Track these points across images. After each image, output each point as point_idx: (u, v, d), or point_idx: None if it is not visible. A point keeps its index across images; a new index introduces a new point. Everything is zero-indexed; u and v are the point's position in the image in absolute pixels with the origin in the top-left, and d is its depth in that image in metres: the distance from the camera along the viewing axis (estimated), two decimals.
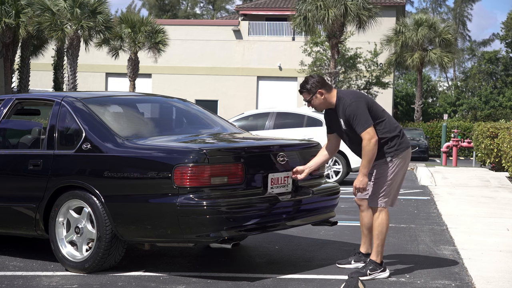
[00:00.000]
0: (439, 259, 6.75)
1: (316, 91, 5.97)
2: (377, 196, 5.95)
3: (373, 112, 5.91)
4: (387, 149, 5.92)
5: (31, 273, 6.05)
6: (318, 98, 5.99)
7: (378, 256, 5.93)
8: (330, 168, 14.46)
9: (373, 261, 5.92)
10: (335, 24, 28.82)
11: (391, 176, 5.95)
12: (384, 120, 5.96)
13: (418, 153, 27.75)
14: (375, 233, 5.95)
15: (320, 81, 6.01)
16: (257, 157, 6.04)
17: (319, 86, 5.98)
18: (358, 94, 6.01)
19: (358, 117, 5.80)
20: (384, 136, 5.91)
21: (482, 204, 11.00)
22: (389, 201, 6.00)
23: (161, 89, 36.86)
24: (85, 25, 27.37)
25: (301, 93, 6.09)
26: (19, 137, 7.17)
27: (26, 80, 29.86)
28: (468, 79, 54.35)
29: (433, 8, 72.98)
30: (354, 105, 5.84)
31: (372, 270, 5.88)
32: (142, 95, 8.03)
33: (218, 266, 6.41)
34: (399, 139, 5.98)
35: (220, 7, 73.75)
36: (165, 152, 5.82)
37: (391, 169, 5.94)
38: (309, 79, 6.04)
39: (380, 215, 5.94)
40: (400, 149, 5.97)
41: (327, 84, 6.04)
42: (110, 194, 5.84)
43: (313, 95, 5.98)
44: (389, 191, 5.96)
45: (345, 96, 5.96)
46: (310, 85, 5.99)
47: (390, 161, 5.93)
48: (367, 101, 5.92)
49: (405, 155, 6.02)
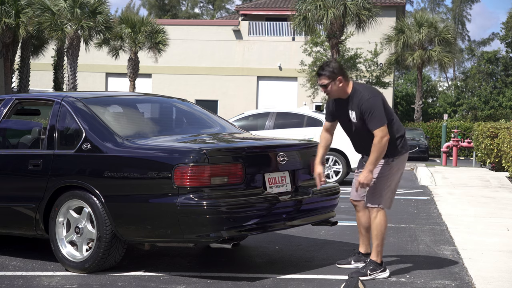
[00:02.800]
0: (439, 259, 6.75)
1: (337, 77, 5.83)
2: (375, 196, 5.93)
3: (386, 110, 5.84)
4: (391, 150, 5.89)
5: (31, 273, 6.05)
6: (336, 85, 5.84)
7: (378, 256, 5.92)
8: (330, 168, 14.46)
9: (374, 261, 5.92)
10: (335, 24, 28.82)
11: (391, 177, 5.95)
12: (394, 120, 5.93)
13: (418, 153, 27.73)
14: (374, 233, 5.93)
15: (341, 68, 5.89)
16: (257, 157, 6.04)
17: (340, 73, 5.85)
18: (375, 90, 5.94)
19: (374, 113, 5.72)
20: (392, 136, 5.87)
21: (482, 204, 11.00)
22: (387, 202, 5.99)
23: (161, 89, 36.85)
24: (85, 25, 27.37)
25: (320, 76, 5.88)
26: (19, 137, 7.17)
27: (26, 80, 29.87)
28: (468, 79, 54.33)
29: (431, 8, 73.00)
30: (372, 101, 5.75)
31: (372, 270, 5.88)
32: (142, 95, 8.03)
33: (218, 266, 6.41)
34: (402, 140, 5.97)
35: (220, 7, 73.75)
36: (165, 152, 5.82)
37: (391, 170, 5.93)
38: (331, 63, 5.88)
39: (378, 215, 5.92)
40: (402, 151, 5.97)
41: (346, 72, 5.95)
42: (110, 194, 5.84)
43: (332, 81, 5.83)
44: (387, 192, 5.96)
45: (361, 89, 5.85)
46: (332, 69, 5.82)
47: (392, 161, 5.92)
48: (382, 99, 5.86)
49: (405, 156, 6.03)
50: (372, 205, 5.94)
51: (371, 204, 5.94)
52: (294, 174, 6.29)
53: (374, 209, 5.93)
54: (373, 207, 5.93)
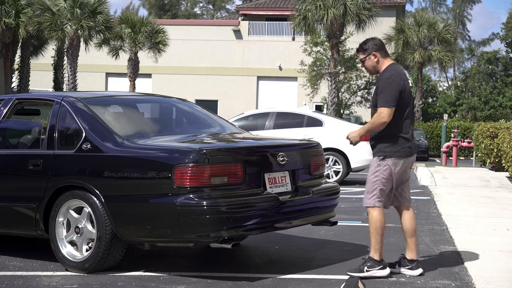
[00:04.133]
0: (439, 259, 6.75)
1: (371, 52, 6.03)
2: (368, 195, 5.96)
3: (401, 102, 5.85)
4: (387, 147, 5.87)
5: (31, 273, 6.05)
6: (371, 60, 6.04)
7: (376, 253, 5.91)
8: (330, 168, 14.46)
9: (372, 258, 5.91)
10: (335, 24, 28.82)
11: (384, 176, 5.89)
12: (405, 116, 5.90)
13: (418, 153, 27.73)
14: (370, 231, 5.96)
15: (378, 44, 6.08)
16: (257, 157, 6.04)
17: (376, 48, 6.04)
18: (400, 74, 5.94)
19: (386, 92, 5.82)
20: (395, 132, 5.86)
21: (482, 204, 11.00)
22: (382, 201, 5.95)
23: (161, 89, 36.86)
24: (85, 25, 27.38)
25: (357, 52, 6.15)
26: (19, 137, 7.17)
27: (26, 80, 29.87)
28: (468, 79, 54.32)
29: (432, 8, 73.00)
30: (389, 81, 5.85)
31: (370, 267, 5.87)
32: (142, 95, 8.03)
33: (218, 266, 6.41)
34: (404, 142, 5.90)
35: (220, 7, 73.76)
36: (165, 152, 5.82)
37: (384, 169, 5.89)
38: (369, 40, 6.13)
39: (373, 213, 5.93)
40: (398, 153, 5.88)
41: (385, 50, 6.09)
42: (110, 194, 5.84)
43: (367, 56, 6.04)
44: (380, 191, 5.92)
45: (391, 69, 5.96)
46: (367, 45, 6.06)
47: (383, 160, 5.89)
48: (403, 86, 5.87)
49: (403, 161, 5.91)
50: (365, 205, 5.99)
51: (364, 203, 6.00)
52: (294, 174, 6.29)
53: (368, 208, 5.97)
54: (367, 206, 5.97)
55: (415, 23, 34.01)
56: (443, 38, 33.66)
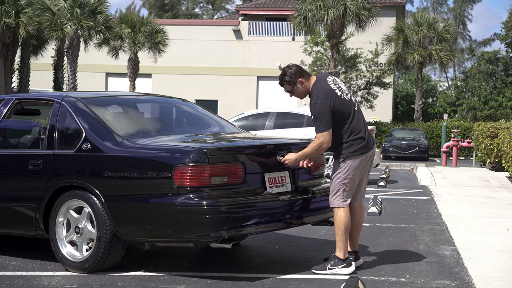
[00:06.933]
0: (439, 259, 6.75)
1: (296, 81, 6.07)
2: (333, 196, 6.07)
3: (338, 114, 5.97)
4: (341, 151, 6.02)
5: (31, 273, 6.05)
6: (298, 88, 6.11)
7: (340, 251, 6.03)
8: (330, 168, 14.45)
9: (336, 256, 6.04)
10: (335, 24, 28.82)
11: (346, 176, 6.00)
12: (348, 121, 6.00)
13: (418, 153, 27.74)
14: (335, 230, 6.06)
15: (297, 70, 6.10)
16: (257, 157, 6.04)
17: (298, 75, 6.07)
18: (326, 93, 5.96)
19: (318, 118, 5.92)
20: (342, 137, 5.99)
21: (482, 204, 11.00)
22: (346, 201, 6.06)
23: (161, 89, 36.85)
24: (85, 25, 27.37)
25: (282, 85, 6.16)
26: (19, 137, 7.17)
27: (26, 80, 29.86)
28: (468, 79, 54.33)
29: (434, 8, 73.01)
30: (318, 107, 5.93)
31: (332, 265, 6.01)
32: (142, 95, 8.03)
33: (218, 266, 6.41)
34: (358, 142, 6.02)
35: (220, 7, 73.75)
36: (165, 152, 5.82)
37: (345, 170, 6.01)
38: (287, 70, 6.11)
39: (338, 213, 6.03)
40: (356, 154, 6.01)
41: (305, 72, 6.14)
42: (110, 194, 5.84)
43: (294, 86, 6.08)
44: (344, 192, 6.02)
45: (314, 91, 6.01)
46: (289, 76, 6.08)
47: (343, 162, 6.02)
48: (333, 103, 5.93)
49: (362, 158, 6.06)
50: (331, 205, 6.10)
51: (330, 204, 6.11)
52: (294, 174, 6.29)
53: (334, 209, 6.08)
54: (332, 207, 6.09)
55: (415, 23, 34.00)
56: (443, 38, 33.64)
